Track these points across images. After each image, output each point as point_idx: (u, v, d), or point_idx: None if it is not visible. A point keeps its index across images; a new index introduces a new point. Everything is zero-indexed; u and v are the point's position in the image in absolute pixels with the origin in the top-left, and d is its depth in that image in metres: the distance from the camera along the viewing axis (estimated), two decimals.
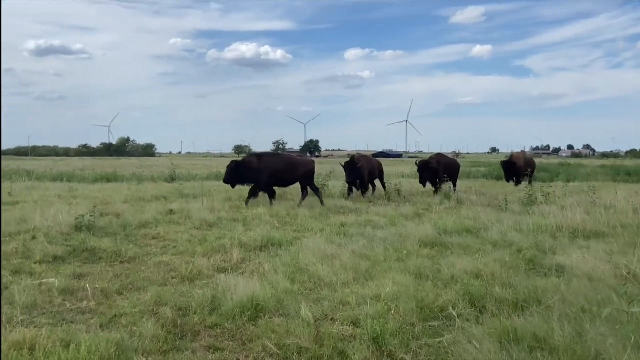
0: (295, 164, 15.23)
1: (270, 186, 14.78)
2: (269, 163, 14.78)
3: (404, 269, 6.70)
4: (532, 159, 25.07)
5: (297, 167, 15.08)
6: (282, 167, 14.84)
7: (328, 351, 4.30)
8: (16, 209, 12.50)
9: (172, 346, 4.45)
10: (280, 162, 15.07)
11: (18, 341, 4.05)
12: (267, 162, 14.83)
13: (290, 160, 15.42)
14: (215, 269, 7.06)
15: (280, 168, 14.77)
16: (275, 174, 14.62)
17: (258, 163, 14.64)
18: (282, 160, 15.31)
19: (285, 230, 10.19)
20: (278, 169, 14.72)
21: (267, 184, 14.64)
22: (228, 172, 14.72)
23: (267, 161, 14.88)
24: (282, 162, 15.09)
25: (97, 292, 5.95)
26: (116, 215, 11.63)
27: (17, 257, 7.47)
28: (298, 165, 15.20)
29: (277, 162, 15.03)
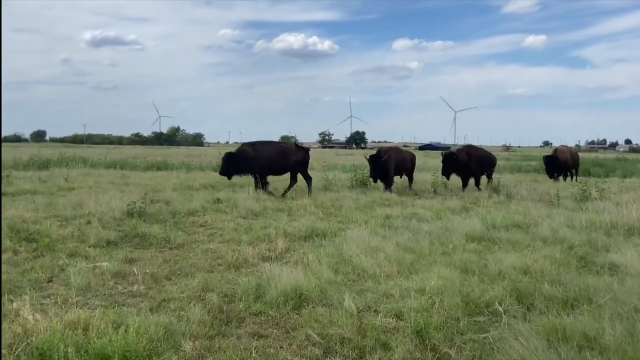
0: (287, 152, 15.24)
1: (265, 175, 14.87)
2: (262, 152, 14.85)
3: (450, 263, 6.62)
4: (576, 154, 23.87)
5: (290, 156, 15.09)
6: (275, 155, 14.90)
7: (370, 342, 4.31)
8: (72, 194, 13.00)
9: (217, 331, 4.55)
10: (273, 151, 15.09)
11: (73, 321, 4.21)
12: (261, 151, 14.91)
13: (283, 149, 15.41)
14: (260, 257, 7.17)
15: (273, 156, 14.83)
16: (268, 163, 14.69)
17: (252, 152, 14.77)
18: (275, 149, 15.29)
19: (330, 221, 10.22)
20: (271, 157, 14.78)
21: (261, 173, 14.74)
22: (223, 164, 14.89)
23: (261, 150, 14.95)
24: (275, 151, 15.11)
25: (147, 277, 6.13)
26: (166, 202, 11.93)
27: (72, 241, 7.77)
28: (290, 153, 15.21)
29: (270, 151, 15.04)
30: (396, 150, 17.55)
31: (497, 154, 24.81)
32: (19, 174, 18.17)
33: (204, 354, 4.05)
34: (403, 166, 17.02)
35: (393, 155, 16.42)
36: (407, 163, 17.22)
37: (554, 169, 21.13)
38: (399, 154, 17.10)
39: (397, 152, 17.31)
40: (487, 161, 18.00)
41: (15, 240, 7.49)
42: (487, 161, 18.04)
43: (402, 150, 18.47)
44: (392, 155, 16.36)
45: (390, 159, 16.06)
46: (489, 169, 18.05)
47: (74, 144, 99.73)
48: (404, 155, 17.37)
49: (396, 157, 16.55)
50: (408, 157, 17.47)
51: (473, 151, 17.87)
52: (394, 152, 16.81)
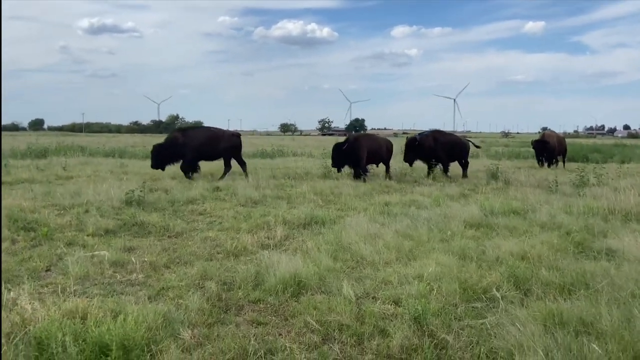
0: (218, 138, 15.29)
1: (195, 161, 14.97)
2: (193, 138, 14.91)
3: (448, 250, 6.63)
4: (564, 139, 23.38)
5: (220, 142, 15.16)
6: (206, 141, 14.97)
7: (369, 329, 4.32)
8: (70, 183, 13.00)
9: (216, 319, 4.56)
10: (203, 137, 15.12)
11: (71, 310, 4.22)
12: (191, 137, 14.97)
13: (213, 135, 15.42)
14: (259, 245, 7.17)
15: (203, 142, 14.90)
16: (199, 149, 14.76)
17: (182, 139, 14.82)
18: (205, 135, 15.32)
19: (329, 208, 10.23)
20: (202, 143, 14.86)
21: (192, 159, 14.82)
22: (152, 157, 14.97)
23: (191, 136, 15.01)
24: (206, 137, 15.16)
25: (146, 265, 6.14)
26: (165, 191, 11.93)
27: (70, 230, 7.77)
28: (221, 139, 15.27)
29: (201, 137, 15.08)
30: (369, 138, 17.04)
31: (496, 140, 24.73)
32: (17, 163, 18.16)
33: (202, 342, 4.06)
34: (378, 154, 16.26)
35: (364, 142, 15.82)
36: (382, 150, 16.40)
37: (543, 153, 20.97)
38: (373, 142, 16.44)
39: (370, 139, 16.71)
40: (457, 148, 17.25)
41: (14, 229, 7.49)
42: (458, 148, 17.28)
43: (376, 137, 17.74)
44: (363, 142, 15.77)
45: (360, 147, 15.44)
46: (460, 156, 17.35)
47: (72, 133, 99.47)
48: (379, 143, 16.61)
49: (369, 144, 15.90)
50: (384, 145, 16.67)
51: (440, 137, 17.14)
52: (365, 140, 16.23)
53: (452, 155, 17.05)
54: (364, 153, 15.45)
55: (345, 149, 15.22)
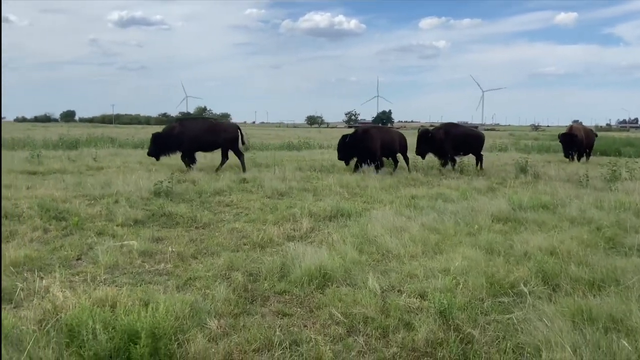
0: (216, 129, 15.29)
1: (192, 152, 15.00)
2: (190, 128, 14.95)
3: (475, 244, 6.57)
4: (592, 132, 22.60)
5: (218, 133, 15.16)
6: (203, 132, 14.98)
7: (394, 322, 4.31)
8: (100, 174, 13.23)
9: (242, 310, 4.60)
10: (201, 128, 15.16)
11: (101, 298, 4.31)
12: (188, 127, 15.03)
13: (211, 126, 15.46)
14: (285, 237, 7.20)
15: (200, 133, 14.92)
16: (196, 139, 14.79)
17: (179, 128, 14.89)
18: (203, 126, 15.36)
19: (355, 201, 10.22)
20: (199, 134, 14.88)
21: (189, 150, 14.86)
22: (150, 145, 15.08)
23: (188, 127, 15.07)
24: (203, 127, 15.18)
25: (174, 255, 6.22)
26: (192, 182, 12.05)
27: (101, 220, 7.91)
28: (219, 130, 15.28)
29: (198, 128, 15.13)
30: (380, 130, 16.67)
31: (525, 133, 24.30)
32: (49, 154, 18.53)
33: (228, 332, 4.11)
34: (390, 147, 15.84)
35: (376, 135, 15.53)
36: (394, 144, 15.96)
37: (571, 147, 20.48)
38: (385, 134, 16.15)
39: (381, 131, 16.37)
40: (471, 140, 16.98)
41: (45, 219, 7.66)
42: (472, 140, 17.01)
43: (389, 130, 17.38)
44: (375, 135, 15.49)
45: (372, 139, 15.18)
46: (474, 149, 17.05)
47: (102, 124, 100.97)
48: (391, 136, 16.30)
49: (381, 137, 15.59)
50: (397, 138, 16.26)
51: (453, 129, 16.87)
52: (377, 132, 15.92)
53: (465, 149, 16.77)
54: (376, 145, 15.20)
55: (349, 141, 15.00)
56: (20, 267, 5.60)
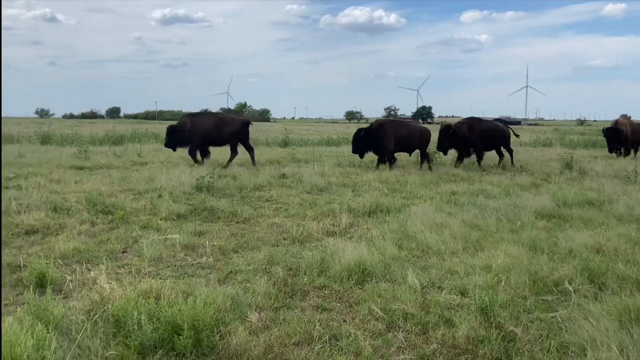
0: (224, 123, 15.34)
1: (203, 146, 15.13)
2: (199, 123, 15.12)
3: (517, 241, 6.46)
4: (638, 126, 21.19)
5: (226, 127, 15.20)
6: (212, 127, 15.09)
7: (434, 318, 4.29)
8: (145, 169, 13.53)
9: (282, 303, 4.65)
10: (210, 122, 15.29)
11: (145, 290, 4.42)
12: (198, 122, 15.19)
13: (219, 120, 15.51)
14: (324, 232, 7.23)
15: (210, 128, 15.03)
16: (205, 134, 14.93)
17: (190, 123, 15.07)
18: (212, 121, 15.47)
19: (394, 197, 10.17)
20: (208, 129, 15.00)
21: (199, 144, 15.01)
22: (167, 137, 15.35)
23: (198, 121, 15.24)
24: (212, 122, 15.30)
25: (215, 249, 6.33)
26: (233, 177, 12.19)
27: (145, 214, 8.10)
28: (227, 125, 15.31)
29: (207, 122, 15.26)
30: (396, 124, 16.04)
31: (570, 128, 23.65)
32: (96, 149, 19.05)
33: (269, 325, 4.16)
34: (408, 141, 15.18)
35: (390, 129, 15.02)
36: (414, 138, 15.23)
37: (616, 142, 19.65)
38: (401, 129, 15.44)
39: (397, 126, 15.76)
40: (496, 135, 16.34)
41: (93, 213, 7.89)
42: (497, 135, 16.37)
43: (406, 123, 16.84)
44: (389, 129, 14.99)
45: (385, 133, 14.74)
46: (499, 144, 16.49)
47: (146, 120, 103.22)
48: (410, 130, 15.57)
49: (396, 131, 15.04)
50: (417, 132, 15.51)
51: (476, 124, 16.18)
52: (392, 126, 15.40)
53: (489, 144, 16.20)
54: (389, 140, 14.74)
55: (364, 135, 14.75)
56: (69, 259, 5.79)
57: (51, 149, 19.83)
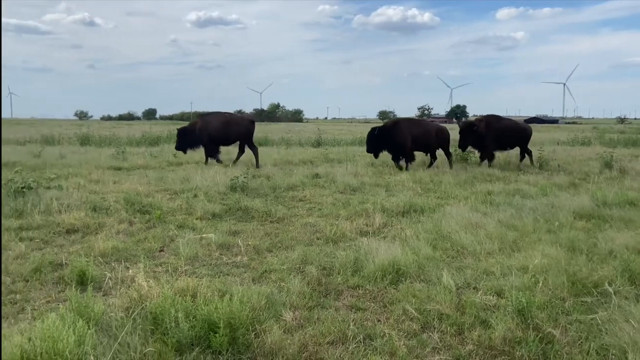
0: (230, 123, 15.55)
1: (214, 146, 15.40)
2: (209, 123, 15.35)
3: (555, 241, 6.34)
4: None
5: (232, 126, 15.44)
6: (220, 126, 15.29)
7: (469, 319, 4.24)
8: (180, 169, 13.75)
9: (316, 303, 4.67)
10: (217, 122, 15.46)
11: (182, 288, 4.49)
12: (208, 122, 15.43)
13: (226, 120, 15.67)
14: (357, 232, 7.23)
15: (218, 127, 15.24)
16: (214, 134, 15.18)
17: (200, 124, 15.39)
18: (219, 120, 15.61)
19: (428, 196, 10.09)
20: (217, 128, 15.23)
21: (210, 144, 15.30)
22: (177, 139, 15.67)
23: (208, 121, 15.47)
24: (220, 122, 15.48)
25: (250, 249, 6.40)
26: (266, 177, 12.29)
27: (181, 213, 8.23)
28: (233, 124, 15.53)
29: (215, 122, 15.42)
30: (412, 123, 15.66)
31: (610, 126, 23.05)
32: (133, 150, 19.43)
33: (303, 324, 4.18)
34: (424, 140, 14.88)
35: (406, 128, 14.70)
36: (429, 137, 14.96)
37: None
38: (417, 127, 15.20)
39: (413, 124, 15.43)
40: (515, 134, 15.90)
41: (131, 212, 8.06)
42: (515, 134, 15.93)
43: (422, 122, 16.49)
44: (404, 128, 14.66)
45: (400, 132, 14.45)
46: (518, 143, 16.07)
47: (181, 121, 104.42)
48: (426, 128, 15.35)
49: (412, 130, 14.72)
50: (432, 131, 15.22)
51: (495, 122, 15.73)
52: (407, 125, 15.01)
53: (508, 142, 15.79)
54: (405, 139, 14.46)
55: (378, 134, 14.48)
56: (108, 257, 5.93)
57: (90, 150, 20.32)
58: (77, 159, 15.91)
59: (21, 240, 6.46)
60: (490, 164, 15.39)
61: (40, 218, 7.37)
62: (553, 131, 45.17)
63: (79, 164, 14.48)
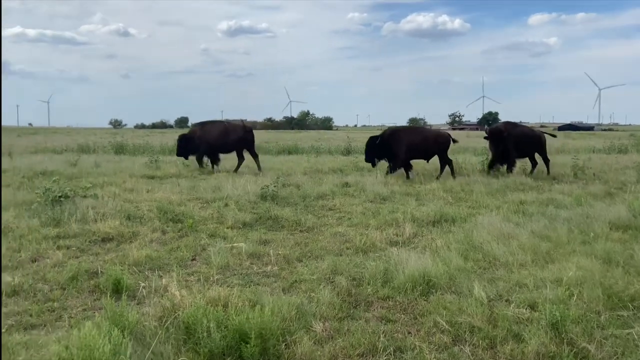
0: (229, 131, 15.96)
1: (212, 154, 15.86)
2: (208, 132, 15.81)
3: (590, 253, 6.21)
4: None
5: (231, 135, 15.87)
6: (219, 134, 15.78)
7: (502, 332, 4.19)
8: (211, 178, 13.91)
9: (346, 314, 4.67)
10: (217, 130, 15.91)
11: (214, 298, 4.54)
12: (207, 130, 15.87)
13: (225, 128, 16.10)
14: (387, 242, 7.20)
15: (217, 136, 15.73)
16: (214, 142, 15.65)
17: (200, 132, 15.85)
18: (218, 129, 16.04)
19: (459, 206, 10.00)
20: (216, 136, 15.70)
21: (209, 152, 15.79)
22: (178, 146, 16.11)
23: (207, 130, 15.90)
24: (219, 130, 15.94)
25: (280, 258, 6.43)
26: (296, 186, 12.34)
27: (212, 222, 8.33)
28: (231, 132, 15.94)
29: (215, 131, 15.87)
30: (410, 131, 15.59)
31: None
32: (166, 159, 19.73)
33: (333, 335, 4.19)
34: (423, 147, 14.78)
35: (404, 136, 14.62)
36: (429, 144, 14.85)
37: None
38: (415, 135, 15.12)
39: (411, 132, 15.38)
40: (530, 141, 15.55)
41: (164, 221, 8.19)
42: (531, 141, 15.58)
43: (421, 130, 16.35)
44: (403, 136, 14.59)
45: (397, 141, 14.36)
46: (533, 151, 15.70)
47: None
48: (424, 135, 15.28)
49: (409, 138, 14.63)
50: (431, 138, 15.13)
51: (511, 128, 15.43)
52: (405, 133, 14.99)
53: (524, 150, 15.47)
54: (400, 148, 14.33)
55: (380, 143, 14.37)
56: (142, 266, 6.04)
57: (124, 159, 20.73)
58: (112, 168, 16.25)
59: (58, 249, 6.63)
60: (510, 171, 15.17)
61: (77, 226, 7.55)
62: (588, 138, 44.26)
63: (113, 173, 14.78)
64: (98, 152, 25.53)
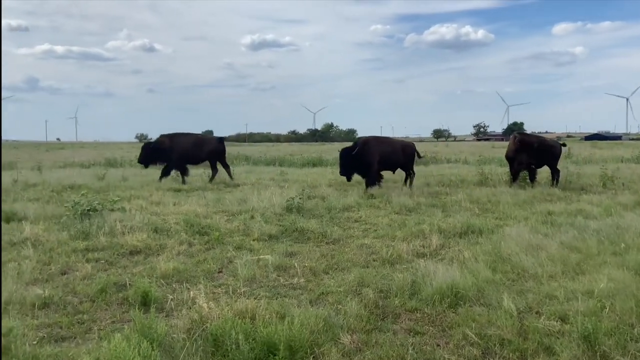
0: (201, 143, 16.44)
1: (182, 164, 16.14)
2: (178, 143, 16.11)
3: (622, 264, 6.09)
4: None
5: (203, 146, 16.34)
6: (190, 146, 16.12)
7: (532, 345, 4.12)
8: (237, 190, 14.02)
9: (374, 326, 4.65)
10: (188, 142, 16.26)
11: (241, 310, 4.57)
12: (177, 141, 16.16)
13: (197, 140, 16.55)
14: (414, 253, 7.16)
15: (188, 147, 16.04)
16: (184, 153, 15.98)
17: (169, 143, 16.06)
18: (190, 140, 16.43)
19: (486, 217, 9.89)
20: (186, 148, 16.01)
21: (178, 163, 16.02)
22: (142, 153, 16.35)
23: (177, 141, 16.18)
24: (190, 142, 16.31)
25: (306, 270, 6.43)
26: (322, 198, 12.35)
27: (239, 235, 8.38)
28: (204, 144, 16.41)
29: (185, 142, 16.17)
30: (381, 141, 15.22)
31: None
32: (191, 172, 19.94)
33: (361, 348, 4.17)
34: (393, 159, 14.76)
35: (376, 146, 14.42)
36: (398, 155, 14.81)
37: None
38: (387, 145, 14.94)
39: (383, 142, 15.12)
40: (544, 151, 15.31)
41: (190, 233, 8.26)
42: (545, 151, 15.35)
43: (391, 140, 16.10)
44: (375, 147, 14.39)
45: (370, 152, 14.15)
46: (547, 161, 15.49)
47: (237, 143, 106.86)
48: (395, 147, 15.07)
49: (381, 148, 14.48)
50: (400, 148, 15.02)
51: (526, 138, 15.46)
52: (377, 143, 14.68)
53: (538, 160, 15.28)
54: (374, 159, 14.17)
55: (355, 154, 14.01)
56: (170, 278, 6.10)
57: (151, 172, 20.96)
58: (139, 181, 16.47)
59: (87, 262, 6.74)
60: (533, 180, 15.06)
61: (105, 239, 7.67)
62: (616, 148, 43.44)
63: (140, 186, 15.00)
64: (125, 165, 25.92)
